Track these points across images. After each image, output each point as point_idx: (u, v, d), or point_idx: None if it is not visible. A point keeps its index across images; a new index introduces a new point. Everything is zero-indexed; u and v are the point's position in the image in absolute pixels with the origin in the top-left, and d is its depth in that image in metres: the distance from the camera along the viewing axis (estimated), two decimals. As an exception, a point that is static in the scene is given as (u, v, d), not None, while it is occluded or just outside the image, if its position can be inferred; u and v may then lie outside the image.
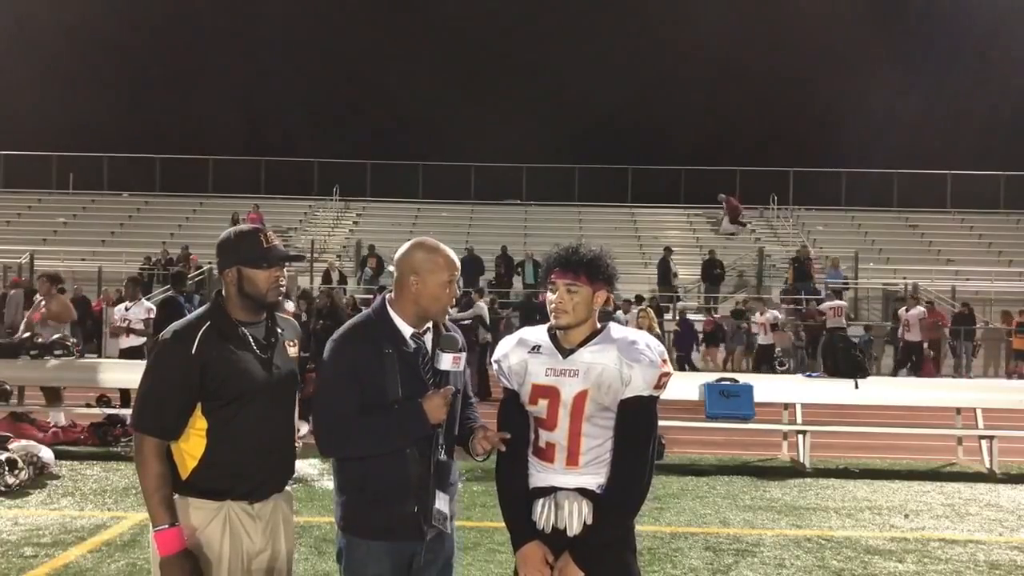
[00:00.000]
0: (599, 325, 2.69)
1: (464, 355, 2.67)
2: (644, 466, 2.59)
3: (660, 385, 2.60)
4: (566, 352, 2.63)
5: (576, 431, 2.59)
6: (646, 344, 2.63)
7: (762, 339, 17.83)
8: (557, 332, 2.67)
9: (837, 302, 18.44)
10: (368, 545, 2.60)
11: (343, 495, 2.65)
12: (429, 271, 2.63)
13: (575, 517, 2.58)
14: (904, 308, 18.18)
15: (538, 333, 2.72)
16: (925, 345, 17.96)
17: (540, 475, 2.65)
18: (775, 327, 17.84)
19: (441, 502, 2.62)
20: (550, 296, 2.65)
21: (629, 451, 2.57)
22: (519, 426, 2.68)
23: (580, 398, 2.58)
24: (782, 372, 16.50)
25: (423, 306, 2.65)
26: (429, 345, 2.68)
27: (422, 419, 2.54)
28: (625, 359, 2.57)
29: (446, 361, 2.61)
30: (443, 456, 2.62)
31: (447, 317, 2.76)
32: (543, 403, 2.62)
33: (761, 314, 18.01)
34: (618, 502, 2.57)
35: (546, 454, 2.64)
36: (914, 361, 17.53)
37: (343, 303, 14.00)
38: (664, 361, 2.62)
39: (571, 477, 2.61)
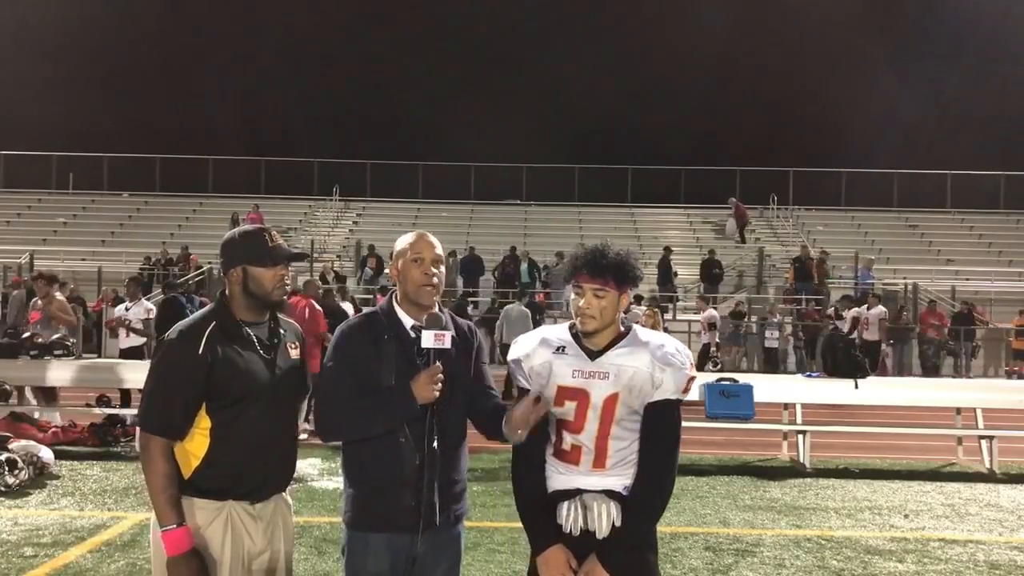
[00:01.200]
0: (623, 328, 2.67)
1: (448, 333, 2.63)
2: (671, 468, 2.60)
3: (687, 389, 2.63)
4: (593, 354, 2.61)
5: (605, 434, 2.57)
6: (676, 348, 2.64)
7: (704, 338, 17.74)
8: (581, 333, 2.64)
9: (856, 310, 18.21)
10: (368, 540, 2.62)
11: (347, 490, 2.70)
12: (400, 253, 2.73)
13: (604, 519, 2.55)
14: (865, 306, 17.94)
15: (560, 333, 2.68)
16: (883, 346, 17.87)
17: (563, 477, 2.62)
18: (712, 326, 17.74)
19: (435, 494, 2.62)
20: (576, 300, 2.62)
21: (657, 453, 2.58)
22: (537, 428, 2.64)
23: (611, 401, 2.56)
24: (715, 371, 16.44)
25: (406, 290, 2.71)
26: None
27: (408, 398, 2.55)
28: (658, 363, 2.57)
29: (427, 338, 2.60)
30: (435, 444, 2.61)
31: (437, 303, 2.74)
32: (570, 405, 2.59)
33: (701, 311, 17.85)
34: (646, 504, 2.57)
35: (570, 456, 2.61)
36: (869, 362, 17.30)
37: (347, 300, 13.99)
38: (691, 365, 2.65)
39: (596, 479, 2.59)
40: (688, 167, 29.89)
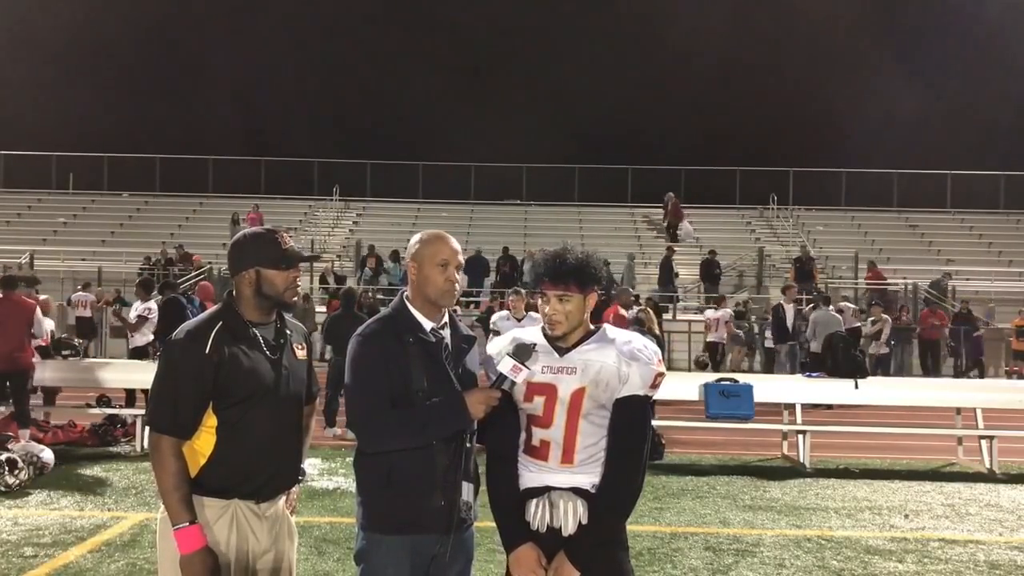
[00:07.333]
0: (592, 326, 2.72)
1: (525, 371, 2.61)
2: (638, 465, 2.60)
3: (655, 385, 2.64)
4: (563, 351, 2.65)
5: (572, 428, 2.60)
6: (643, 344, 2.68)
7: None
8: (551, 336, 2.69)
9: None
10: (389, 543, 2.57)
11: (367, 492, 2.63)
12: (423, 256, 2.68)
13: (570, 516, 2.58)
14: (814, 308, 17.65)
15: (533, 333, 2.73)
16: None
17: (532, 474, 2.65)
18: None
19: (467, 492, 2.63)
20: (543, 306, 2.67)
21: (624, 450, 2.59)
22: (509, 427, 2.68)
23: (578, 395, 2.60)
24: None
25: (425, 292, 2.67)
26: (449, 339, 2.70)
27: (463, 413, 2.54)
28: (624, 357, 2.60)
29: (506, 365, 2.58)
30: (468, 444, 2.62)
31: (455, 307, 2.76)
32: (539, 400, 2.63)
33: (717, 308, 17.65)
34: (613, 501, 2.59)
35: (540, 452, 2.64)
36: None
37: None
38: (659, 361, 2.66)
39: (565, 476, 2.61)
40: (688, 167, 29.89)
